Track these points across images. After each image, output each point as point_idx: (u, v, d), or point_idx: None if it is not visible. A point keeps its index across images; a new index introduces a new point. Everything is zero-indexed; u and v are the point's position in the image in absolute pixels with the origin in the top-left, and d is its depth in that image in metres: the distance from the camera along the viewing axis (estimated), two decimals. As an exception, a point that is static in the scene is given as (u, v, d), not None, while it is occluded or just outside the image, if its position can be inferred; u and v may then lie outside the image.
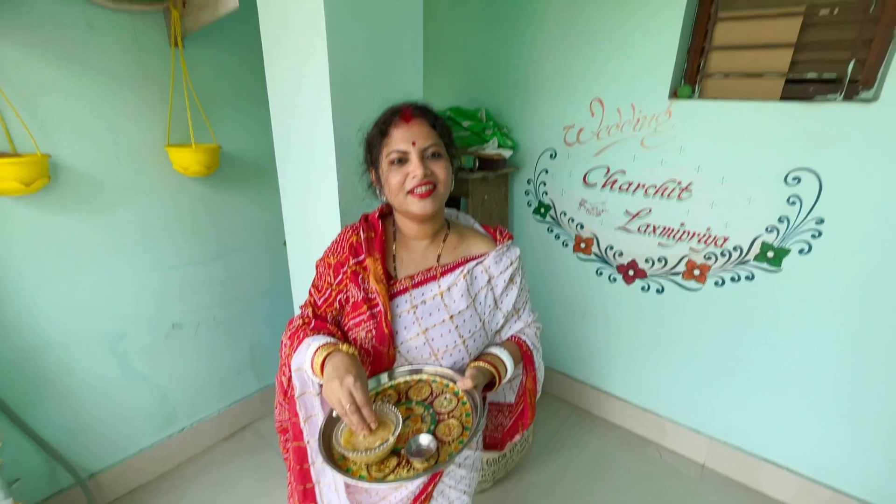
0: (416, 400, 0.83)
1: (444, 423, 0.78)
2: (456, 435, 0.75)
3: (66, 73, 1.40)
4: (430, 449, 0.72)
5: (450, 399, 0.82)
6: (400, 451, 0.73)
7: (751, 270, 1.66)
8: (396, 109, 0.85)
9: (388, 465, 0.71)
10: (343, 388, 0.70)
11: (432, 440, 0.73)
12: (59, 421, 1.59)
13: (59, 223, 1.47)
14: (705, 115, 1.63)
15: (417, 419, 0.79)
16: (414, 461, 0.71)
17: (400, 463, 0.72)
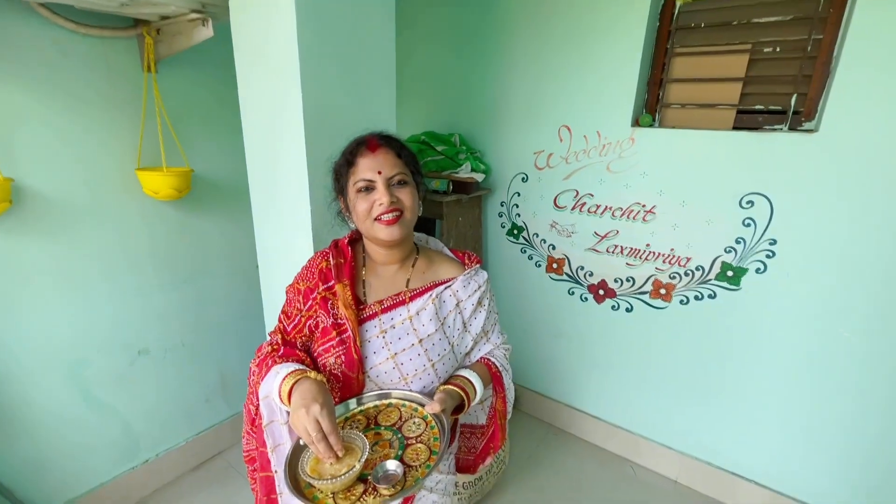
0: (384, 425, 0.83)
1: (411, 448, 0.78)
2: (423, 459, 0.76)
3: (33, 95, 1.38)
4: (397, 474, 0.73)
5: (418, 423, 0.83)
6: (367, 478, 0.73)
7: (713, 289, 1.74)
8: (362, 140, 0.88)
9: (355, 493, 0.71)
10: (309, 417, 0.70)
11: (399, 465, 0.74)
12: (13, 458, 1.51)
13: (21, 248, 1.42)
14: (665, 143, 1.72)
15: (386, 444, 0.79)
16: (380, 488, 0.71)
17: (367, 490, 0.71)
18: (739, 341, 1.73)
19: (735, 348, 1.75)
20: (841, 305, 1.52)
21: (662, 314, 1.88)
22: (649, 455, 2.06)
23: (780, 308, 1.62)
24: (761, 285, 1.64)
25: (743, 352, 1.73)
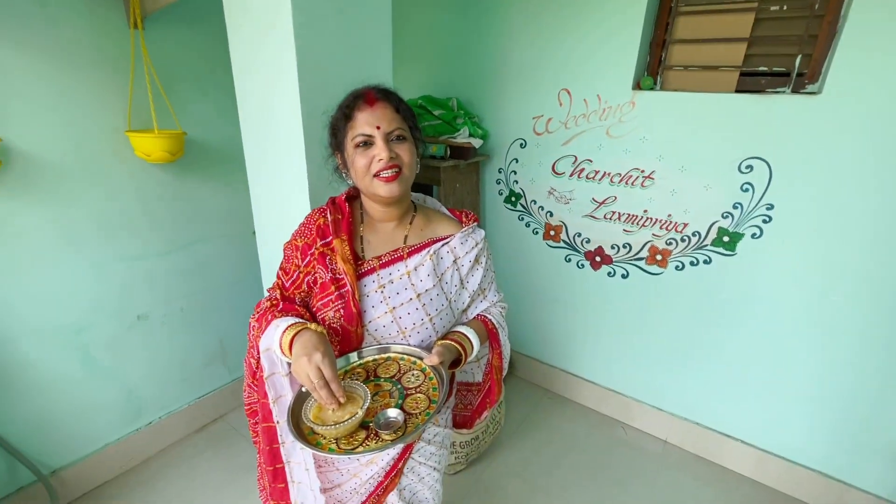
0: (384, 377, 0.85)
1: (411, 398, 0.80)
2: (423, 408, 0.78)
3: (16, 52, 1.33)
4: (398, 421, 0.75)
5: (417, 375, 0.84)
6: (369, 425, 0.75)
7: (708, 255, 1.75)
8: (360, 93, 0.86)
9: (357, 439, 0.73)
10: (311, 364, 0.72)
11: (400, 413, 0.76)
12: (16, 417, 1.54)
13: (13, 210, 1.40)
14: (666, 106, 1.69)
15: (385, 395, 0.81)
16: (382, 433, 0.73)
17: (368, 436, 0.73)
18: (732, 306, 1.76)
19: (728, 313, 1.77)
20: (834, 271, 1.54)
21: (658, 280, 1.89)
22: (640, 417, 2.12)
23: (773, 273, 1.64)
24: (756, 251, 1.65)
25: (735, 316, 1.76)
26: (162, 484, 1.79)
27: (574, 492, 1.80)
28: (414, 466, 1.03)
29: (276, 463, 0.90)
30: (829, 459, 1.71)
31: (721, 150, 1.62)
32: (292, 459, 0.89)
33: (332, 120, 0.90)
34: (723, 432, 1.92)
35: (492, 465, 1.92)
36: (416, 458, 1.02)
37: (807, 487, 1.76)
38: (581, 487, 1.82)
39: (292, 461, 0.89)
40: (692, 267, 1.80)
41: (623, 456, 1.99)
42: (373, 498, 0.99)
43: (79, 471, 1.71)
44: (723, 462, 1.94)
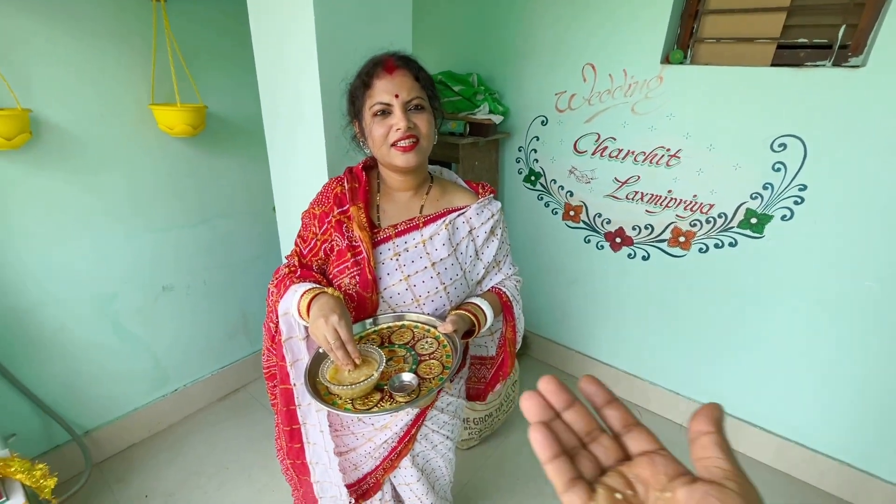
0: (398, 343, 0.86)
1: (425, 364, 0.81)
2: (436, 373, 0.79)
3: (44, 24, 1.36)
4: (412, 385, 0.76)
5: (431, 342, 0.85)
6: (383, 388, 0.76)
7: (734, 237, 1.69)
8: (379, 60, 0.85)
9: (373, 400, 0.74)
10: (328, 326, 0.73)
11: (414, 377, 0.77)
12: (53, 379, 1.62)
13: (45, 182, 1.45)
14: (696, 81, 1.62)
15: (400, 360, 0.82)
16: (397, 395, 0.74)
17: (383, 397, 0.75)
18: (758, 290, 1.70)
19: (753, 297, 1.72)
20: (868, 256, 1.47)
21: (680, 262, 1.85)
22: (657, 401, 2.10)
23: (803, 257, 1.58)
24: (786, 233, 1.59)
25: (761, 300, 1.71)
26: (186, 448, 1.87)
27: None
28: (427, 434, 1.04)
29: (292, 424, 0.93)
30: (851, 448, 1.67)
31: (753, 127, 1.55)
32: (308, 421, 0.92)
33: (350, 87, 0.89)
34: (742, 418, 1.89)
35: (505, 442, 1.94)
36: (429, 425, 1.04)
37: (828, 476, 1.72)
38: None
39: (308, 423, 0.92)
40: (717, 249, 1.75)
41: (637, 438, 1.98)
42: (386, 462, 1.02)
43: (109, 432, 1.80)
44: (741, 448, 1.91)
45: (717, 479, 0.25)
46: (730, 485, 0.24)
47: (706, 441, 0.26)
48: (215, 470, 1.77)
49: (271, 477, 1.74)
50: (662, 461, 0.27)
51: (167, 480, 1.72)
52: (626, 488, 0.27)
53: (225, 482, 1.72)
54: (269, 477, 1.74)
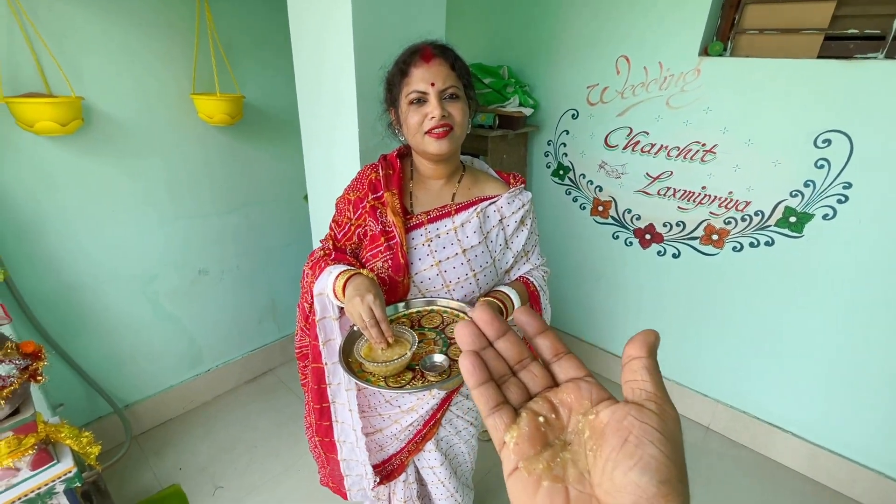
0: (428, 327, 0.88)
1: (454, 347, 0.83)
2: None
3: (96, 16, 1.42)
4: (443, 365, 0.78)
5: None
6: (415, 368, 0.79)
7: (771, 236, 1.64)
8: (416, 48, 0.86)
9: (405, 378, 0.77)
10: (364, 304, 0.76)
11: (445, 358, 0.79)
12: (98, 354, 1.71)
13: (94, 166, 1.53)
14: (736, 74, 1.57)
15: (430, 342, 0.84)
16: (428, 374, 0.77)
17: (415, 377, 0.77)
18: (794, 292, 1.65)
19: (788, 299, 1.67)
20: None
21: (712, 261, 1.80)
22: (682, 401, 2.06)
23: (845, 258, 1.52)
24: (827, 233, 1.53)
25: (797, 303, 1.65)
26: (218, 426, 1.95)
27: (608, 468, 1.80)
28: (452, 419, 1.06)
29: (322, 402, 0.96)
30: (889, 459, 1.60)
31: (796, 122, 1.49)
32: (337, 400, 0.95)
33: (387, 75, 0.91)
34: (773, 423, 1.83)
35: (526, 436, 1.94)
36: (454, 410, 1.05)
37: (863, 486, 1.66)
38: (615, 465, 1.81)
39: (337, 401, 0.95)
40: (752, 248, 1.70)
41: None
42: (411, 445, 1.04)
43: (148, 406, 1.89)
44: (770, 454, 1.86)
45: (640, 400, 0.25)
46: (650, 405, 0.25)
47: (636, 365, 0.27)
48: (245, 448, 1.84)
49: (297, 458, 1.80)
50: (587, 387, 0.28)
51: (200, 455, 1.80)
52: (550, 412, 0.28)
53: (254, 460, 1.79)
54: (295, 458, 1.80)
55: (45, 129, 1.29)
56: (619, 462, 0.23)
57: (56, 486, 1.14)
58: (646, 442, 0.23)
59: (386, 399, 1.01)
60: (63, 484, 1.15)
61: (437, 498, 1.18)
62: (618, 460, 0.23)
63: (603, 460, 0.24)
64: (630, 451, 0.23)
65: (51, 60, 1.35)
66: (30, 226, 1.45)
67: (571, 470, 0.25)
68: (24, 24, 1.28)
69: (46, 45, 1.32)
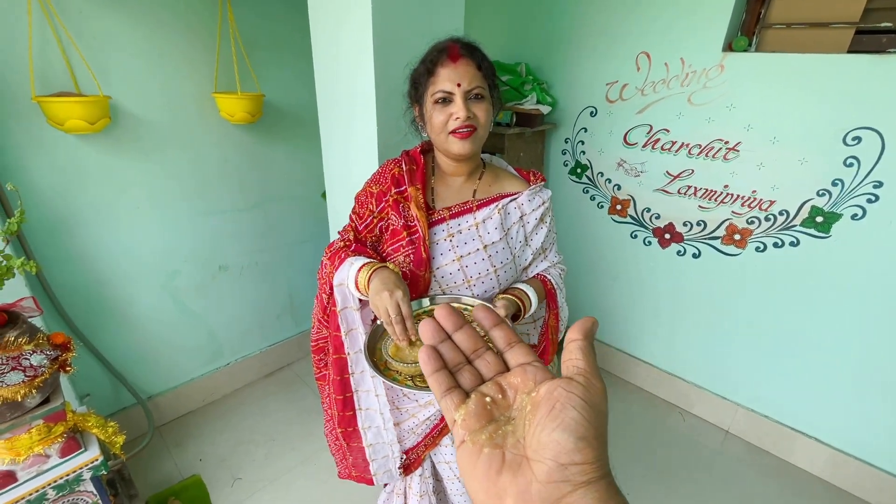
0: None
1: None
2: None
3: (122, 18, 1.46)
4: None
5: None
6: None
7: (796, 236, 1.60)
8: (443, 47, 0.86)
9: None
10: (392, 300, 0.76)
11: None
12: (123, 347, 1.76)
13: (120, 163, 1.57)
14: (762, 70, 1.53)
15: None
16: None
17: None
18: (819, 294, 1.60)
19: (813, 301, 1.62)
20: (952, 259, 1.35)
21: (734, 261, 1.76)
22: (701, 404, 2.03)
23: (873, 259, 1.47)
24: (855, 233, 1.48)
25: (821, 305, 1.61)
26: (237, 418, 1.99)
27: (622, 471, 1.78)
28: None
29: (345, 392, 0.96)
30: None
31: (825, 119, 1.45)
32: (360, 388, 0.95)
33: (413, 73, 0.91)
34: (795, 428, 1.79)
35: (540, 435, 1.93)
36: None
37: (889, 494, 1.61)
38: (630, 467, 1.79)
39: (360, 390, 0.95)
40: (775, 249, 1.65)
41: (678, 442, 1.93)
42: (428, 439, 1.04)
43: (170, 398, 1.94)
44: (791, 459, 1.82)
45: (571, 374, 0.29)
46: (579, 379, 0.29)
47: (572, 346, 0.31)
48: (263, 440, 1.88)
49: (314, 451, 1.82)
50: (533, 370, 0.32)
51: (220, 446, 1.84)
52: (498, 393, 0.32)
53: (272, 451, 1.82)
54: (311, 451, 1.82)
55: (75, 127, 1.33)
56: (545, 425, 0.27)
57: (83, 474, 1.18)
58: (569, 407, 0.27)
59: (404, 393, 1.02)
60: (90, 471, 1.18)
61: (452, 493, 1.18)
62: (544, 423, 0.27)
63: (534, 426, 0.28)
64: (555, 415, 0.27)
65: (80, 61, 1.38)
66: (60, 221, 1.50)
67: (510, 439, 0.29)
68: (55, 26, 1.32)
69: (76, 46, 1.36)
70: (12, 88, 1.31)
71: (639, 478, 1.75)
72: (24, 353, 1.02)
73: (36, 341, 1.05)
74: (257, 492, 1.66)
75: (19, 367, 1.02)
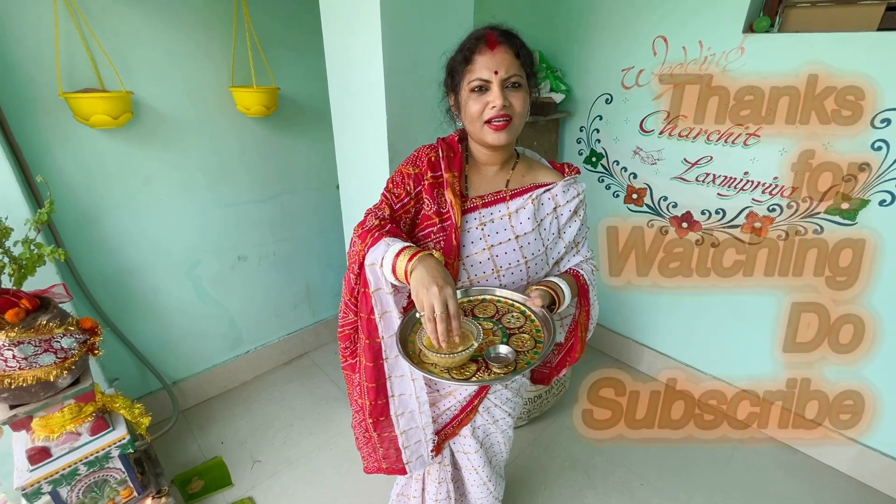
0: (482, 317, 0.87)
1: (515, 337, 0.82)
2: (529, 347, 0.79)
3: (143, 16, 1.50)
4: (508, 357, 0.77)
5: (517, 317, 0.86)
6: (478, 358, 0.78)
7: (819, 223, 1.54)
8: (481, 35, 0.84)
9: (469, 370, 0.76)
10: (441, 296, 0.72)
11: (510, 350, 0.78)
12: (149, 334, 1.83)
13: (143, 157, 1.63)
14: (784, 51, 1.48)
15: (489, 333, 0.83)
16: (493, 366, 0.75)
17: (479, 368, 0.76)
18: (845, 282, 1.54)
19: (838, 290, 1.57)
20: None
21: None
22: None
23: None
24: (884, 220, 1.42)
25: (846, 294, 1.55)
26: (257, 404, 2.05)
27: (639, 462, 1.76)
28: (489, 407, 1.06)
29: (379, 379, 0.92)
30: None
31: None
32: (394, 374, 0.92)
33: (450, 61, 0.90)
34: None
35: (553, 425, 1.94)
36: (491, 398, 1.05)
37: (918, 492, 1.56)
38: (648, 456, 1.78)
39: (394, 375, 0.92)
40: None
41: (695, 434, 1.90)
42: (448, 428, 1.05)
43: (193, 384, 2.01)
44: (813, 454, 1.77)
45: None
46: None
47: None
48: (281, 425, 1.93)
49: (330, 437, 1.87)
50: None
51: (240, 431, 1.91)
52: None
53: (289, 437, 1.87)
54: (327, 437, 1.87)
55: (100, 122, 1.39)
56: None
57: (112, 451, 1.24)
58: None
59: (426, 381, 0.99)
60: (118, 449, 1.25)
61: (469, 483, 1.18)
62: None
63: None
64: None
65: (104, 57, 1.44)
66: (87, 212, 1.57)
67: None
68: (79, 24, 1.37)
69: (100, 44, 1.41)
70: (40, 86, 1.38)
71: (656, 463, 1.73)
72: (56, 336, 1.08)
73: (66, 325, 1.10)
74: (276, 474, 1.71)
75: (51, 350, 1.08)
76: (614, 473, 1.72)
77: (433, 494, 1.15)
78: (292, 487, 1.66)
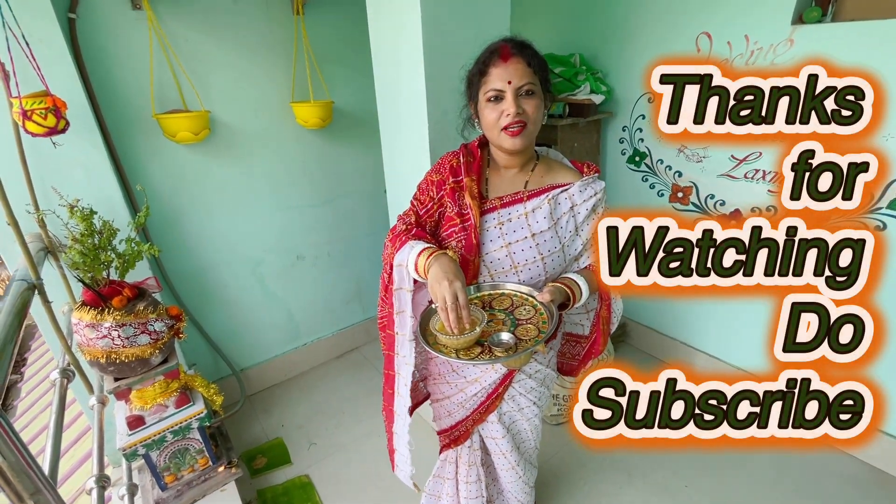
0: (498, 309, 0.96)
1: (522, 327, 0.90)
2: (532, 336, 0.88)
3: (217, 42, 1.71)
4: (509, 343, 0.86)
5: (528, 309, 0.94)
6: (484, 343, 0.88)
7: (882, 220, 1.46)
8: (495, 48, 0.92)
9: (474, 352, 0.86)
10: (451, 288, 0.82)
11: (512, 336, 0.87)
12: (221, 325, 2.05)
13: (217, 167, 1.84)
14: (838, 41, 1.42)
15: (499, 322, 0.92)
16: (495, 349, 0.85)
17: (483, 351, 0.86)
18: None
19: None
20: None
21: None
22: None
23: (980, 244, 1.31)
24: (956, 215, 1.33)
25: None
26: (313, 393, 2.23)
27: (684, 463, 1.73)
28: (514, 395, 1.13)
29: (389, 369, 1.06)
30: None
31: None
32: (401, 372, 1.03)
33: (468, 73, 0.98)
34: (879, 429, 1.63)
35: (595, 424, 1.94)
36: (515, 387, 1.12)
37: None
38: (693, 458, 1.74)
39: (401, 374, 1.04)
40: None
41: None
42: (475, 414, 1.13)
43: (258, 372, 2.22)
44: (870, 460, 1.65)
45: None
46: None
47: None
48: (333, 412, 2.09)
49: (377, 425, 1.99)
50: None
51: (298, 415, 2.08)
52: None
53: (341, 423, 2.02)
54: (375, 425, 2.00)
55: (184, 138, 1.60)
56: None
57: (192, 423, 1.43)
58: None
59: (453, 368, 1.10)
60: (197, 421, 1.43)
61: (499, 467, 1.26)
62: None
63: None
64: None
65: (186, 82, 1.66)
66: (172, 217, 1.80)
67: None
68: (168, 54, 1.60)
69: (184, 70, 1.63)
70: (137, 108, 1.61)
71: (700, 466, 1.70)
72: (150, 320, 1.27)
73: (158, 312, 1.30)
74: (329, 456, 1.86)
75: (146, 332, 1.27)
76: (656, 473, 1.71)
77: (464, 476, 1.23)
78: (344, 468, 1.80)
